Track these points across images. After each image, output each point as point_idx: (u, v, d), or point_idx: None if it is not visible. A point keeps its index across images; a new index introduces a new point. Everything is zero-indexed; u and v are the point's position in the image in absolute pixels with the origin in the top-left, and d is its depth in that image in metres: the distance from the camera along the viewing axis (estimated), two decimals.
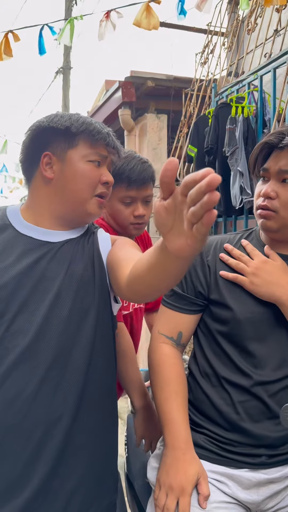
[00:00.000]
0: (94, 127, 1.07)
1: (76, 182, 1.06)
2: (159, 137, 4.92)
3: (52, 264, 1.03)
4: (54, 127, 1.05)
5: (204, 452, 1.10)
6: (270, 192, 1.08)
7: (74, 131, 1.05)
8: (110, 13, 3.68)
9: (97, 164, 1.08)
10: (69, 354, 0.98)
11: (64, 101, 12.66)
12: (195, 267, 1.16)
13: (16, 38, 4.10)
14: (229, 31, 4.60)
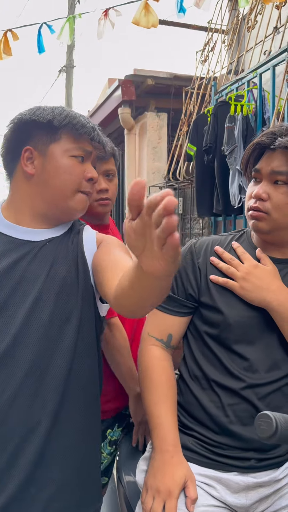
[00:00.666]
0: (78, 120, 1.02)
1: (59, 178, 1.01)
2: (159, 136, 4.91)
3: (33, 265, 1.00)
4: (36, 120, 1.01)
5: (193, 455, 1.09)
6: (261, 193, 1.06)
7: (57, 125, 1.01)
8: (108, 11, 3.66)
9: (81, 159, 1.03)
10: (49, 359, 0.96)
11: (67, 99, 12.67)
12: (185, 269, 1.15)
13: (15, 37, 4.09)
14: (229, 28, 4.58)
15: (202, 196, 3.77)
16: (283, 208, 1.05)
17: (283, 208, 1.05)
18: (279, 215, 1.06)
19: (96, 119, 5.86)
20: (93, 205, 1.40)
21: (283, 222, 1.06)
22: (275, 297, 1.06)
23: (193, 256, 1.15)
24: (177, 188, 4.58)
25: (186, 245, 1.20)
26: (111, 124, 5.73)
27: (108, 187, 1.40)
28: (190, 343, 1.17)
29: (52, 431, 0.95)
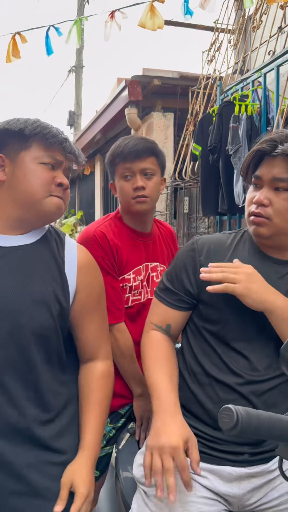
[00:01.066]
0: (49, 130, 1.05)
1: (28, 183, 1.04)
2: (165, 136, 4.95)
3: (2, 272, 1.02)
4: (9, 129, 1.05)
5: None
6: (263, 199, 1.09)
7: (27, 133, 1.04)
8: (114, 14, 3.70)
9: (51, 167, 1.06)
10: (14, 371, 1.01)
11: (77, 99, 12.75)
12: (186, 266, 1.18)
13: (23, 40, 4.17)
14: (235, 28, 4.60)
15: (207, 196, 3.80)
16: (284, 214, 1.08)
17: (284, 214, 1.08)
18: (280, 221, 1.09)
19: (103, 120, 5.92)
20: (130, 202, 1.46)
21: (284, 227, 1.10)
22: (272, 300, 1.07)
23: (195, 254, 1.18)
24: (183, 188, 4.62)
25: (189, 242, 1.23)
26: (118, 124, 5.79)
27: (145, 185, 1.44)
28: (190, 339, 1.21)
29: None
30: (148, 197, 1.46)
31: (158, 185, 1.51)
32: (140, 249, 1.53)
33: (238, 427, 0.61)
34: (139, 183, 1.44)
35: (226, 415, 0.62)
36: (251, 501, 1.11)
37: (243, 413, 0.62)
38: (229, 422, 0.61)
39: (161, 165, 1.51)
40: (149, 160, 1.45)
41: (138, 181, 1.44)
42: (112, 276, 1.45)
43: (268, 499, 1.10)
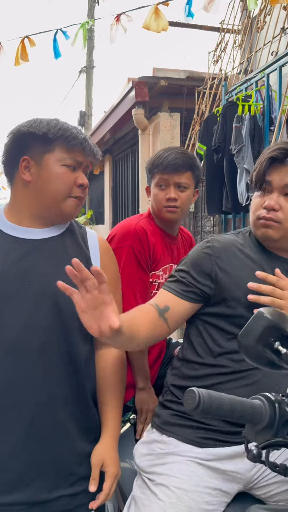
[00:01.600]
0: (70, 133, 1.13)
1: (52, 184, 1.13)
2: (172, 136, 5.00)
3: (37, 260, 1.12)
4: (33, 132, 1.12)
5: (192, 437, 1.17)
6: (274, 205, 1.16)
7: (51, 137, 1.12)
8: (120, 17, 3.77)
9: (73, 168, 1.15)
10: (57, 344, 1.11)
11: (87, 99, 12.84)
12: (200, 264, 1.19)
13: (32, 43, 4.26)
14: (240, 29, 4.64)
15: (212, 195, 3.86)
16: None
17: None
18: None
19: (112, 120, 6.00)
20: (162, 210, 1.60)
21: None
22: None
23: (211, 252, 1.20)
24: None
25: (203, 241, 1.26)
26: (126, 125, 5.85)
27: (177, 197, 1.58)
28: (193, 331, 1.24)
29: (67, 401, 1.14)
30: (179, 208, 1.60)
31: (190, 198, 1.64)
32: (169, 250, 1.65)
33: (200, 408, 0.68)
34: (172, 194, 1.57)
35: (189, 396, 0.69)
36: (253, 472, 1.15)
37: (205, 395, 0.68)
38: (192, 403, 0.68)
39: (196, 179, 1.65)
40: (185, 174, 1.59)
41: (171, 193, 1.58)
42: (144, 270, 1.56)
43: (269, 471, 1.15)
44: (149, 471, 1.17)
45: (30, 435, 1.08)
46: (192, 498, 1.09)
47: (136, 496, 1.16)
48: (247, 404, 0.72)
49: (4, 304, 1.09)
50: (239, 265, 1.20)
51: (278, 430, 0.75)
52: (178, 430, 1.19)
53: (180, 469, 1.13)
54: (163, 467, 1.15)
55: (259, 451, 0.71)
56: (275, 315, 0.73)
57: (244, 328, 0.75)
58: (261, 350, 0.73)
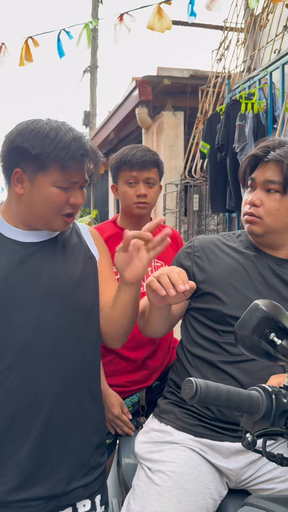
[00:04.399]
0: (66, 153, 1.04)
1: (42, 205, 1.09)
2: (175, 134, 5.02)
3: (39, 262, 1.13)
4: (26, 148, 1.05)
5: (189, 426, 1.20)
6: (255, 200, 1.19)
7: (44, 158, 1.04)
8: (123, 16, 3.79)
9: (64, 190, 1.09)
10: (65, 344, 1.13)
11: (92, 99, 12.90)
12: (181, 261, 1.28)
13: (35, 44, 4.29)
14: (243, 27, 4.64)
15: (216, 193, 3.87)
16: (274, 213, 1.19)
17: (274, 213, 1.19)
18: (271, 220, 1.19)
19: (115, 120, 6.02)
20: (132, 207, 1.63)
21: (274, 226, 1.20)
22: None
23: (190, 250, 1.29)
24: (192, 185, 4.69)
25: (186, 244, 1.35)
26: (130, 124, 5.88)
27: (147, 193, 1.61)
28: (187, 326, 1.29)
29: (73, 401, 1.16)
30: (148, 203, 1.63)
31: (157, 193, 1.68)
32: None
33: (197, 397, 0.70)
34: (142, 191, 1.60)
35: (187, 386, 0.71)
36: (246, 475, 1.18)
37: (203, 384, 0.70)
38: (189, 392, 0.70)
39: (161, 174, 1.69)
40: (152, 171, 1.62)
41: (141, 189, 1.60)
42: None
43: (262, 472, 1.17)
44: (147, 458, 1.19)
45: (46, 431, 1.11)
46: (188, 481, 1.11)
47: (135, 484, 1.20)
48: (244, 394, 0.74)
49: (12, 307, 1.10)
50: (216, 262, 1.25)
51: (275, 421, 0.76)
52: (174, 418, 1.22)
53: (176, 454, 1.15)
54: (159, 454, 1.18)
55: (254, 438, 0.73)
56: (270, 307, 0.75)
57: (240, 320, 0.77)
58: (256, 341, 0.74)
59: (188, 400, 0.70)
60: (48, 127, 1.07)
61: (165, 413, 1.25)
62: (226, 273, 1.23)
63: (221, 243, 1.30)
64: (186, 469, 1.13)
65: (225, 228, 4.23)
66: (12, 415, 1.09)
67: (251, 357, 1.15)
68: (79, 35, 4.19)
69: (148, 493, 1.12)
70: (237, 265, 1.24)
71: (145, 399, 1.63)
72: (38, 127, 1.07)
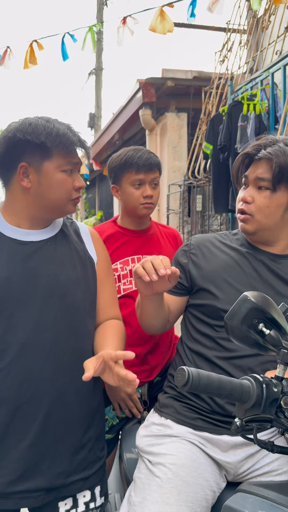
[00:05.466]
0: (67, 138, 1.14)
1: (53, 191, 1.16)
2: (179, 135, 5.05)
3: (39, 262, 1.16)
4: (30, 140, 1.12)
5: (188, 420, 1.23)
6: (247, 197, 1.22)
7: (49, 145, 1.12)
8: (126, 19, 3.83)
9: (70, 172, 1.17)
10: (65, 341, 1.17)
11: (97, 101, 12.96)
12: (178, 259, 1.32)
13: (40, 47, 4.35)
14: (246, 29, 4.67)
15: (219, 193, 3.90)
16: (264, 210, 1.21)
17: (264, 210, 1.21)
18: (261, 217, 1.22)
19: (120, 122, 6.06)
20: (139, 207, 1.68)
21: (265, 223, 1.23)
22: None
23: (187, 248, 1.33)
24: (195, 186, 4.72)
25: (184, 243, 1.39)
26: (134, 126, 5.92)
27: (153, 194, 1.67)
28: (186, 324, 1.32)
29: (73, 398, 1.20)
30: (153, 204, 1.69)
31: (159, 194, 1.75)
32: (130, 244, 1.71)
33: (189, 384, 0.73)
34: (149, 192, 1.66)
35: (180, 374, 0.74)
36: (244, 468, 1.20)
37: (194, 372, 0.74)
38: (182, 380, 0.73)
39: (160, 176, 1.76)
40: (157, 172, 1.69)
41: (148, 190, 1.65)
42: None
43: (260, 465, 1.19)
44: (147, 451, 1.22)
45: (46, 427, 1.14)
46: (188, 473, 1.13)
47: (136, 477, 1.22)
48: (236, 383, 0.77)
49: (13, 307, 1.13)
50: (211, 259, 1.28)
51: (265, 409, 0.80)
52: (174, 412, 1.25)
53: (176, 447, 1.18)
54: (159, 447, 1.20)
55: (242, 423, 0.76)
56: (259, 298, 0.78)
57: (230, 310, 0.80)
58: (246, 331, 0.77)
59: (180, 387, 0.74)
60: (42, 120, 1.16)
61: (165, 407, 1.28)
62: (220, 268, 1.26)
63: (217, 241, 1.33)
64: (186, 461, 1.15)
65: (228, 228, 4.25)
66: (13, 410, 1.13)
67: (246, 353, 1.19)
68: (84, 39, 4.24)
69: (148, 485, 1.14)
70: (232, 261, 1.27)
71: (147, 394, 1.66)
72: (33, 121, 1.15)
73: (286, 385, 0.82)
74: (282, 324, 0.79)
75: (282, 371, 0.84)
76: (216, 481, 1.18)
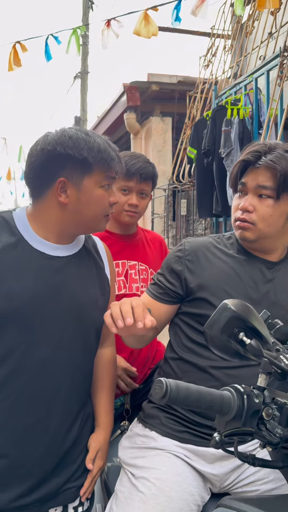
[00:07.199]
0: (108, 154, 1.10)
1: (91, 208, 1.12)
2: (164, 140, 5.05)
3: (65, 278, 1.14)
4: (71, 154, 1.07)
5: (174, 432, 1.19)
6: (248, 206, 1.18)
7: (91, 161, 1.08)
8: (110, 22, 3.81)
9: (107, 187, 1.14)
10: (79, 360, 1.17)
11: (82, 105, 12.92)
12: (172, 265, 1.25)
13: (23, 49, 4.29)
14: (230, 34, 4.69)
15: (203, 198, 3.89)
16: (267, 219, 1.17)
17: (267, 219, 1.17)
18: (264, 226, 1.18)
19: (104, 125, 6.04)
20: (122, 214, 1.65)
21: (267, 231, 1.19)
22: None
23: (181, 254, 1.25)
24: (180, 190, 4.71)
25: (179, 244, 1.32)
26: (118, 129, 5.90)
27: (138, 204, 1.64)
28: (178, 332, 1.27)
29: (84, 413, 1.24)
30: (138, 213, 1.66)
31: (147, 204, 1.71)
32: (115, 247, 1.67)
33: (167, 397, 0.69)
34: (135, 201, 1.63)
35: (158, 386, 0.71)
36: (230, 479, 1.18)
37: (173, 384, 0.70)
38: (159, 392, 0.70)
39: (154, 187, 1.72)
40: (148, 184, 1.65)
41: (133, 199, 1.63)
42: None
43: (245, 475, 1.17)
44: (130, 464, 1.18)
45: (52, 447, 1.14)
46: (172, 488, 1.10)
47: (117, 490, 1.18)
48: (216, 395, 0.74)
49: (39, 324, 1.10)
50: (208, 267, 1.23)
51: (246, 421, 0.76)
52: (159, 424, 1.21)
53: (161, 461, 1.15)
54: (143, 460, 1.16)
55: (222, 438, 0.73)
56: (240, 306, 0.75)
57: (209, 319, 0.77)
58: (226, 341, 0.74)
59: (158, 400, 0.70)
60: (82, 133, 1.11)
61: (149, 417, 1.24)
62: (219, 278, 1.21)
63: (213, 247, 1.27)
64: (170, 476, 1.12)
65: (213, 232, 4.25)
66: (20, 431, 1.11)
67: (242, 363, 1.15)
68: (68, 41, 4.20)
69: (131, 500, 1.11)
70: (230, 270, 1.22)
71: (130, 403, 1.62)
72: (73, 134, 1.09)
73: (268, 396, 0.80)
74: (263, 333, 0.76)
75: (264, 380, 0.81)
76: (201, 494, 1.15)
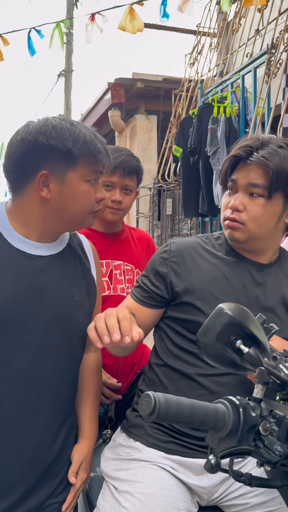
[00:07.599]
0: (94, 146, 1.02)
1: (75, 203, 1.03)
2: (149, 138, 4.98)
3: (47, 279, 1.05)
4: (55, 146, 0.98)
5: (160, 443, 1.13)
6: (238, 205, 1.10)
7: (76, 153, 1.00)
8: (94, 16, 3.72)
9: (93, 182, 1.06)
10: (63, 368, 1.08)
11: (66, 103, 12.79)
12: (157, 267, 1.17)
13: (5, 42, 4.17)
14: (216, 32, 4.65)
15: (188, 197, 3.83)
16: (258, 219, 1.09)
17: (258, 219, 1.09)
18: (254, 226, 1.10)
19: (88, 123, 5.94)
20: (105, 211, 1.54)
21: (258, 232, 1.10)
22: None
23: (167, 256, 1.17)
24: (165, 189, 4.64)
25: (164, 244, 1.23)
26: (103, 127, 5.81)
27: (122, 200, 1.54)
28: (164, 338, 1.19)
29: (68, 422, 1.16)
30: (122, 210, 1.56)
31: (132, 200, 1.61)
32: (99, 246, 1.57)
33: (155, 413, 0.61)
34: (118, 197, 1.52)
35: (145, 401, 0.62)
36: (219, 492, 1.12)
37: (162, 399, 0.62)
38: (147, 408, 0.61)
39: (139, 182, 1.62)
40: (132, 178, 1.55)
41: (117, 195, 1.52)
42: None
43: (235, 488, 1.11)
44: (113, 476, 1.11)
45: (35, 460, 1.07)
46: (158, 504, 1.03)
47: (100, 505, 1.11)
48: (209, 409, 0.66)
49: (19, 328, 1.01)
50: (195, 269, 1.14)
51: (242, 437, 0.69)
52: (144, 434, 1.14)
53: (146, 474, 1.08)
54: (127, 473, 1.09)
55: (217, 460, 0.65)
56: (237, 311, 0.67)
57: (203, 325, 0.69)
58: (221, 349, 0.67)
59: (145, 417, 0.62)
60: (66, 123, 1.02)
61: (134, 427, 1.16)
62: (206, 281, 1.12)
63: (200, 248, 1.18)
64: (156, 489, 1.05)
65: (198, 232, 4.19)
66: (2, 444, 1.03)
67: (229, 371, 1.08)
68: (51, 36, 4.09)
69: None
70: (218, 273, 1.14)
71: (114, 410, 1.54)
72: (56, 124, 1.01)
73: (265, 408, 0.72)
74: (261, 340, 0.69)
75: (261, 391, 0.74)
76: (188, 508, 1.08)
